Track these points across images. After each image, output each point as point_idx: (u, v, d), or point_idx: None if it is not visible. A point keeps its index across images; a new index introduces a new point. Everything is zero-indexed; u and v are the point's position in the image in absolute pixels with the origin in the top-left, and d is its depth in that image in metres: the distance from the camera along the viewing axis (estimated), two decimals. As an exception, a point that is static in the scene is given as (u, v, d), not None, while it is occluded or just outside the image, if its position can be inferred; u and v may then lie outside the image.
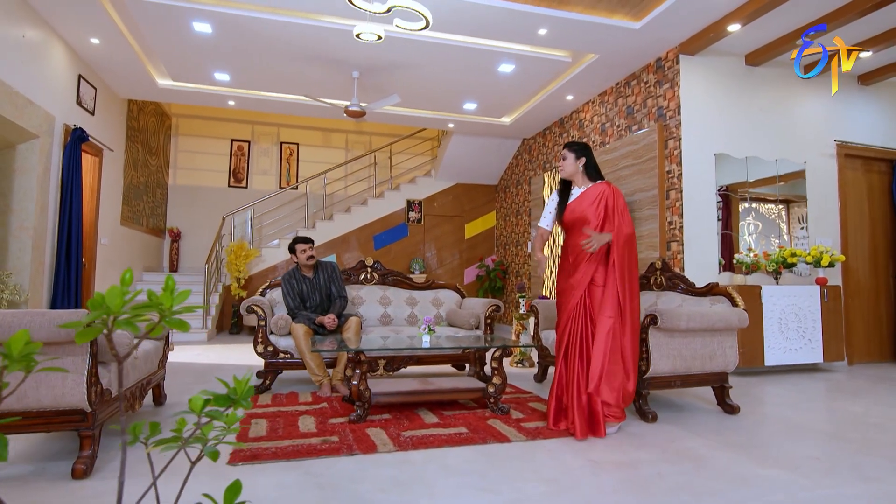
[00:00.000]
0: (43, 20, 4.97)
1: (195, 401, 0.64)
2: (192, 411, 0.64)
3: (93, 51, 5.66)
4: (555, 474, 2.28)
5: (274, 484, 2.14)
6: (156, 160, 8.95)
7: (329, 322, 3.95)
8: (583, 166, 3.15)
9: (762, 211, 5.81)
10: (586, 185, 3.16)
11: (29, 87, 4.79)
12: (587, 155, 3.16)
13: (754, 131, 5.40)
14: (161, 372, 3.41)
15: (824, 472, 2.35)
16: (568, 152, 3.18)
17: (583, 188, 3.16)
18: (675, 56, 5.24)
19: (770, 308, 4.86)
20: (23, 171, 4.95)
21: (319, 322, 3.97)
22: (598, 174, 3.18)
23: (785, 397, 3.95)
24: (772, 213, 5.86)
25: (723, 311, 3.31)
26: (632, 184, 5.83)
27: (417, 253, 9.86)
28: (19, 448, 2.58)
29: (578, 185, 3.19)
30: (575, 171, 3.16)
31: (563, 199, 3.23)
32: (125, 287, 0.52)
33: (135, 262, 8.08)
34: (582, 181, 3.17)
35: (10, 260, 4.83)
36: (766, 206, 5.80)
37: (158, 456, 2.46)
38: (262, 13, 4.90)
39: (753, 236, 5.71)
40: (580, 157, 3.15)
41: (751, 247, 5.42)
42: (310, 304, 4.16)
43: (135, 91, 6.97)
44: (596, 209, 3.05)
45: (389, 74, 6.23)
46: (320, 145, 10.65)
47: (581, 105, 7.04)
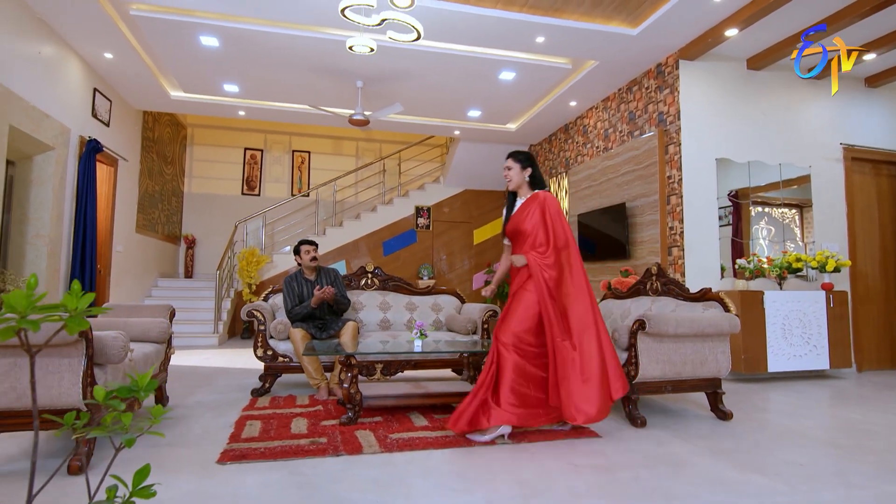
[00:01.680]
0: (58, 36, 5.19)
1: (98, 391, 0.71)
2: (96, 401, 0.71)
3: (107, 65, 5.88)
4: (531, 476, 2.31)
5: (257, 483, 2.22)
6: (171, 169, 9.19)
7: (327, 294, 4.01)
8: (528, 176, 3.11)
9: (775, 215, 5.76)
10: (526, 196, 3.14)
11: (45, 100, 5.00)
12: (533, 165, 3.13)
13: (757, 135, 5.37)
14: (163, 374, 3.52)
15: (804, 478, 2.35)
16: (513, 162, 3.12)
17: (523, 199, 3.14)
18: (675, 61, 5.24)
19: (773, 314, 4.82)
20: (39, 182, 5.16)
21: (318, 298, 4.03)
22: (539, 184, 3.14)
23: (784, 404, 3.91)
24: (785, 218, 5.80)
25: (713, 316, 3.31)
26: (633, 189, 5.83)
27: (426, 259, 9.94)
28: (20, 445, 2.70)
29: (522, 195, 3.16)
30: (521, 181, 3.12)
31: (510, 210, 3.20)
32: (31, 291, 0.59)
33: (150, 269, 8.30)
34: (525, 191, 3.15)
35: (26, 267, 5.02)
36: (780, 211, 5.75)
37: (149, 451, 2.57)
38: (266, 26, 5.05)
39: (766, 241, 5.66)
40: (526, 168, 3.11)
41: (755, 252, 5.37)
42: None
43: (148, 103, 7.19)
44: (531, 219, 3.02)
45: (393, 83, 6.33)
46: (331, 153, 10.83)
47: (585, 111, 7.06)
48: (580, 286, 2.96)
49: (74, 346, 2.32)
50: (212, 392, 4.12)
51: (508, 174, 3.13)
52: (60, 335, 2.23)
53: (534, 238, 3.00)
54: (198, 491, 2.12)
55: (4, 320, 0.59)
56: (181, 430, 3.02)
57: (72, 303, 0.62)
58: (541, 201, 3.03)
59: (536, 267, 2.92)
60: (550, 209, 3.01)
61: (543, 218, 2.99)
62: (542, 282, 2.89)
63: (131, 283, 7.43)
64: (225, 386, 4.38)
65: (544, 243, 2.97)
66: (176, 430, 3.01)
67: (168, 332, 3.47)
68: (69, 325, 0.60)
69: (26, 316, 0.60)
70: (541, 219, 2.99)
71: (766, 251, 5.53)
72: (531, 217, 3.02)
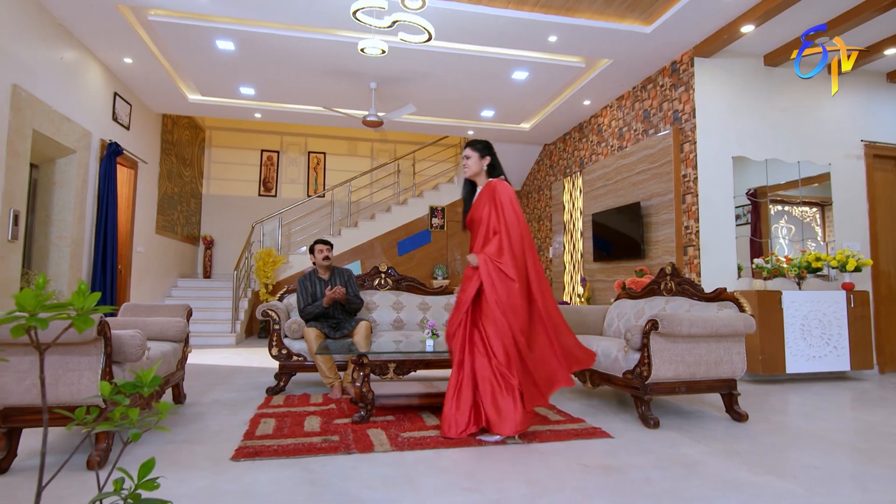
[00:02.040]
0: (80, 42, 5.32)
1: (103, 387, 0.73)
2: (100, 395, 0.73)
3: (127, 70, 6.00)
4: (541, 476, 2.31)
5: (269, 479, 2.25)
6: (190, 171, 9.35)
7: (338, 294, 4.06)
8: (487, 165, 3.06)
9: (795, 214, 5.67)
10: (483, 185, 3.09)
11: (67, 105, 5.13)
12: (491, 154, 3.08)
13: (774, 133, 5.29)
14: (180, 373, 3.59)
15: (820, 480, 2.31)
16: (472, 151, 3.07)
17: (481, 187, 3.09)
18: (690, 59, 5.18)
19: (791, 314, 4.74)
20: (62, 184, 5.29)
21: (329, 297, 4.07)
22: (496, 172, 3.09)
23: (801, 406, 3.85)
24: (805, 216, 5.70)
25: (728, 316, 3.27)
26: (648, 188, 5.77)
27: (440, 259, 9.96)
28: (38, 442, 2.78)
29: (480, 184, 3.11)
30: (479, 170, 3.07)
31: (469, 199, 3.15)
32: (39, 290, 0.61)
33: (170, 269, 8.45)
34: (483, 180, 3.10)
35: (49, 267, 5.16)
36: (800, 209, 5.65)
37: (162, 448, 2.62)
38: (280, 30, 5.11)
39: (786, 240, 5.58)
40: (485, 156, 3.06)
41: (772, 251, 5.29)
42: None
43: (167, 106, 7.33)
44: (484, 208, 2.98)
45: (406, 84, 6.36)
46: (346, 154, 10.91)
47: (599, 109, 7.02)
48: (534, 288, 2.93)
49: (93, 344, 2.38)
50: (228, 390, 4.19)
51: (467, 163, 3.08)
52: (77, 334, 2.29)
53: (486, 227, 2.95)
54: (211, 487, 2.16)
55: (14, 318, 0.62)
56: (198, 427, 3.08)
57: (79, 301, 0.65)
58: (492, 188, 2.98)
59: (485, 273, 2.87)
60: (501, 196, 2.93)
61: (494, 204, 2.94)
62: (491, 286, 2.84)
63: (151, 284, 7.58)
64: (241, 384, 4.45)
65: (498, 231, 2.92)
66: (193, 428, 3.07)
67: (185, 331, 3.53)
68: (76, 323, 0.63)
69: (35, 314, 0.63)
70: (491, 206, 2.95)
71: (785, 250, 5.44)
72: (484, 206, 2.99)
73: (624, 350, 3.38)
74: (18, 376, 2.29)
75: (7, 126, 4.17)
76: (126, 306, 3.74)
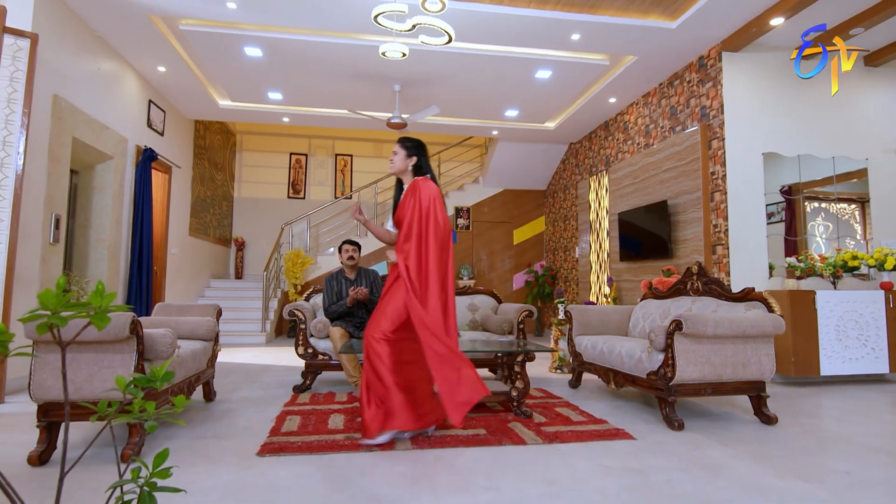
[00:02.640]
0: (116, 53, 5.54)
1: (119, 380, 0.78)
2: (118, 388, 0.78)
3: (160, 78, 6.22)
4: (559, 476, 2.31)
5: (292, 474, 2.31)
6: (221, 175, 9.61)
7: (360, 294, 4.14)
8: (412, 165, 3.02)
9: (833, 211, 5.49)
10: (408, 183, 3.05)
11: (104, 113, 5.35)
12: (419, 155, 3.03)
13: (807, 128, 5.13)
14: (210, 371, 3.71)
15: (850, 486, 2.24)
16: (400, 148, 3.04)
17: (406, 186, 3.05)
18: (718, 53, 5.08)
19: (826, 314, 4.59)
20: (100, 189, 5.52)
21: (352, 298, 4.15)
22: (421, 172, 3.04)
23: (835, 409, 3.73)
24: (844, 214, 5.52)
25: (755, 316, 3.19)
26: (675, 186, 5.67)
27: (466, 259, 9.98)
28: (78, 435, 2.91)
29: (406, 183, 3.07)
30: (404, 168, 3.03)
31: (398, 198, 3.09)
32: (59, 290, 0.66)
33: (202, 270, 8.71)
34: (408, 179, 3.06)
35: (89, 269, 5.39)
36: (838, 206, 5.48)
37: (185, 442, 2.72)
38: (306, 35, 5.22)
39: (823, 238, 5.41)
40: (411, 156, 3.02)
41: (805, 250, 5.13)
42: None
43: (199, 112, 7.55)
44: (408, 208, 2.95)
45: (430, 86, 6.41)
46: (373, 156, 11.04)
47: (625, 107, 6.93)
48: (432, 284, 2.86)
49: (126, 342, 2.48)
50: (257, 388, 4.30)
51: (393, 158, 3.05)
52: (113, 331, 2.40)
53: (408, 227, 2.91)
54: (236, 480, 2.23)
55: (38, 317, 0.67)
56: (227, 424, 3.18)
57: (97, 301, 0.69)
58: (414, 187, 2.95)
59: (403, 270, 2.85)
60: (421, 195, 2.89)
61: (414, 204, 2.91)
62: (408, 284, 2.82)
63: (185, 284, 7.82)
64: (269, 382, 4.56)
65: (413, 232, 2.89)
66: (222, 424, 3.17)
67: (215, 330, 3.65)
68: (94, 321, 0.67)
69: (57, 313, 0.68)
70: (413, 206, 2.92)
71: (822, 249, 5.27)
72: (407, 205, 2.96)
73: (648, 351, 3.34)
74: (56, 373, 2.41)
75: (48, 134, 4.38)
76: (159, 306, 3.88)
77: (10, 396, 3.93)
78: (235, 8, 4.62)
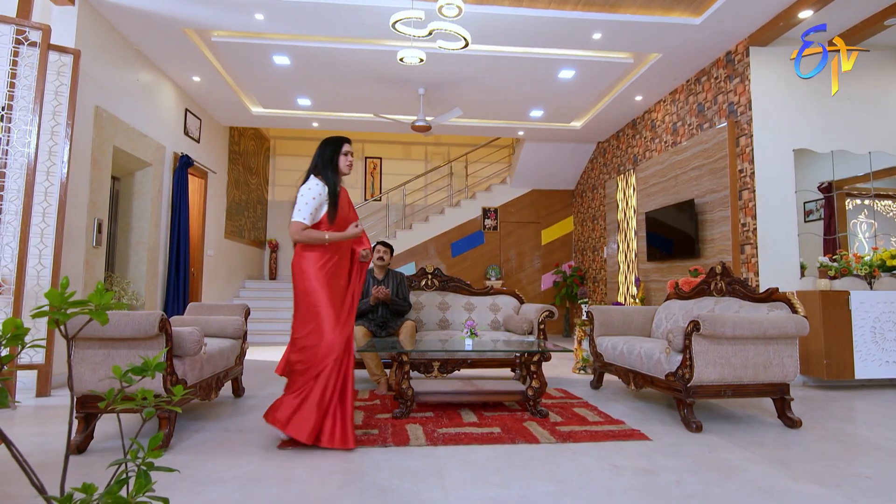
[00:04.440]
0: (153, 65, 5.82)
1: (115, 370, 0.87)
2: (114, 376, 0.87)
3: (195, 87, 6.49)
4: (569, 475, 2.34)
5: (308, 467, 2.41)
6: (255, 179, 9.92)
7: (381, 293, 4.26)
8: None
9: (877, 208, 5.29)
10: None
11: (143, 122, 5.63)
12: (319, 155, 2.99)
13: (841, 123, 4.96)
14: (239, 367, 3.87)
15: (868, 491, 2.19)
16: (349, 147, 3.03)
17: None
18: (745, 48, 4.96)
19: (861, 316, 4.43)
20: (139, 195, 5.81)
21: (374, 296, 4.27)
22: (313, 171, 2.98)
23: (866, 413, 3.60)
24: (889, 211, 5.30)
25: (777, 317, 3.13)
26: (703, 184, 5.57)
27: (494, 260, 10.00)
28: (112, 427, 3.10)
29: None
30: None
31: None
32: (63, 290, 0.76)
33: (238, 271, 9.01)
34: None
35: (129, 270, 5.68)
36: (883, 203, 5.27)
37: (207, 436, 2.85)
38: (331, 43, 5.36)
39: (866, 236, 5.22)
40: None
41: (840, 249, 4.96)
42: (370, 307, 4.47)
43: (233, 119, 7.83)
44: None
45: (453, 88, 6.48)
46: (401, 158, 11.18)
47: (652, 105, 6.83)
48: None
49: (156, 339, 2.64)
50: (284, 385, 4.45)
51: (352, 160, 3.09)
52: (143, 329, 2.55)
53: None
54: (256, 471, 2.35)
55: (45, 313, 0.77)
56: (252, 418, 3.32)
57: (96, 299, 0.78)
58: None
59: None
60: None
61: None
62: None
63: (221, 285, 8.12)
64: (296, 380, 4.71)
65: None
66: (247, 418, 3.31)
67: (242, 328, 3.80)
68: (95, 317, 0.76)
69: (63, 310, 0.77)
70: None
71: (865, 247, 5.08)
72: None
73: (666, 351, 3.31)
74: (93, 367, 2.58)
75: (91, 144, 4.65)
76: (192, 306, 4.07)
77: (56, 390, 4.20)
78: (263, 19, 4.80)
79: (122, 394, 0.91)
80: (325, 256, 2.83)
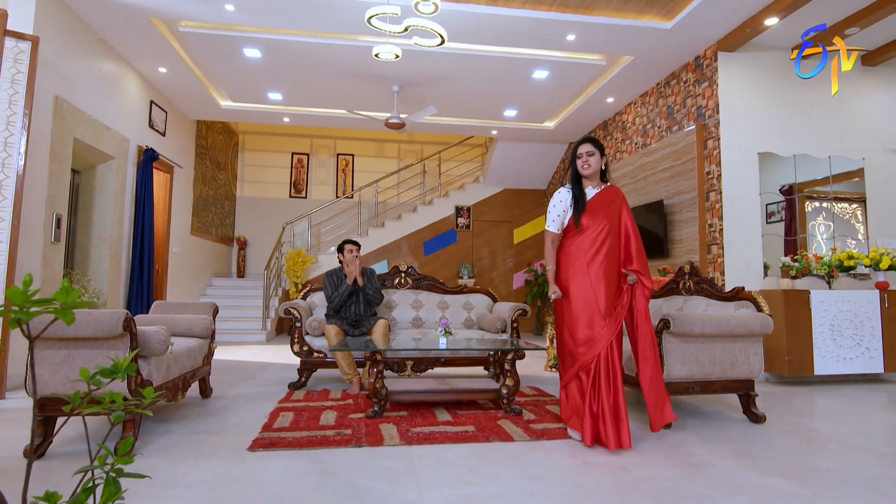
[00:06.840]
0: (117, 54, 5.61)
1: (83, 371, 0.83)
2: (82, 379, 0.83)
3: (162, 79, 6.29)
4: (542, 472, 2.35)
5: (280, 468, 2.36)
6: (224, 174, 9.69)
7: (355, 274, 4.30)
8: (604, 165, 3.07)
9: (835, 211, 5.49)
10: (600, 187, 3.06)
11: (106, 114, 5.42)
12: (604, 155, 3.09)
13: (803, 128, 5.14)
14: (206, 367, 3.76)
15: (831, 484, 2.27)
16: (595, 148, 3.03)
17: (598, 189, 3.05)
18: (714, 53, 5.09)
19: (820, 314, 4.60)
20: (102, 189, 5.60)
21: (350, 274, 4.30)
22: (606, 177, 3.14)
23: (826, 408, 3.74)
24: (845, 213, 5.51)
25: (744, 316, 3.22)
26: (672, 186, 5.69)
27: (466, 258, 10.01)
28: (71, 430, 2.97)
29: (594, 185, 3.07)
30: (598, 169, 3.05)
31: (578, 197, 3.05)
32: (26, 287, 0.71)
33: (205, 269, 8.79)
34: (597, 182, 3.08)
35: (90, 267, 5.46)
36: (840, 206, 5.47)
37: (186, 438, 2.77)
38: (304, 36, 5.27)
39: (824, 238, 5.41)
40: (603, 156, 3.06)
41: (801, 250, 5.14)
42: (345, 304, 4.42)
43: (201, 112, 7.62)
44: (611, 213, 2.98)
45: (428, 86, 6.45)
46: (374, 156, 11.09)
47: (623, 107, 6.94)
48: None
49: (120, 339, 2.54)
50: (253, 385, 4.36)
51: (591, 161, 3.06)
52: (107, 328, 2.45)
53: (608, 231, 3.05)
54: (226, 475, 2.28)
55: (6, 312, 0.72)
56: (220, 419, 3.23)
57: (62, 297, 0.74)
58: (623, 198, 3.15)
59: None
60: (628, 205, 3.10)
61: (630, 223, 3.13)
62: None
63: (187, 283, 7.90)
64: (266, 380, 4.62)
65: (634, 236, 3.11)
66: (216, 419, 3.23)
67: (210, 328, 3.70)
68: (60, 316, 0.72)
69: (25, 309, 0.73)
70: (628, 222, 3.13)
71: (823, 248, 5.27)
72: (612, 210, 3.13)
73: (637, 349, 3.36)
74: (53, 368, 2.47)
75: (50, 135, 4.45)
76: (157, 304, 3.94)
77: (11, 392, 4.01)
78: (233, 10, 4.68)
79: (90, 397, 0.86)
80: None
